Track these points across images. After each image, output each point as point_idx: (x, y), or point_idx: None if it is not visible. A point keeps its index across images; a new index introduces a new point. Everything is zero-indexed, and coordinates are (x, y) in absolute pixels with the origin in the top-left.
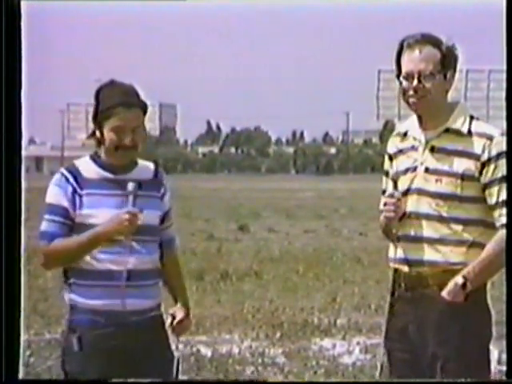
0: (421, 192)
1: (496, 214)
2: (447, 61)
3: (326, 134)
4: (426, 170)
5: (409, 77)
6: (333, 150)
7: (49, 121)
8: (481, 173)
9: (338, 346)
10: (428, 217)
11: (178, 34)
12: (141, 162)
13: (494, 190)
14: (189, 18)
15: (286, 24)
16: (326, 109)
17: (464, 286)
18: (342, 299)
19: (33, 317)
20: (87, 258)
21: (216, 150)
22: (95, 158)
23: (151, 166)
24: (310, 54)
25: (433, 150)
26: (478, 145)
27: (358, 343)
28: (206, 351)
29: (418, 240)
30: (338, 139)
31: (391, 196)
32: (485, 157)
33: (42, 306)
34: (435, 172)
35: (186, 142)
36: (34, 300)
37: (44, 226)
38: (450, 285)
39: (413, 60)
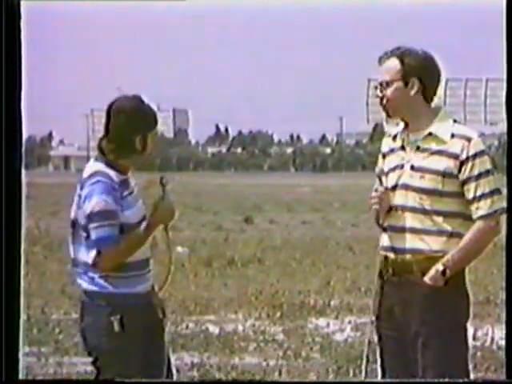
0: (407, 187)
1: (473, 207)
2: (409, 69)
3: (322, 136)
4: (412, 167)
5: (377, 87)
6: (328, 150)
7: (76, 124)
8: (459, 170)
9: (332, 325)
10: (413, 209)
11: (190, 46)
12: None
13: (472, 185)
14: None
15: (286, 34)
16: (322, 113)
17: (444, 272)
18: (335, 283)
19: (62, 298)
20: None
21: (224, 150)
22: (108, 163)
23: None
24: (307, 63)
25: (418, 149)
26: (457, 146)
27: (350, 322)
28: (214, 329)
29: (404, 230)
30: (333, 140)
31: (376, 191)
32: (463, 156)
33: (69, 289)
34: (419, 169)
35: (197, 143)
36: (62, 284)
37: (106, 231)
38: (432, 271)
39: (379, 72)
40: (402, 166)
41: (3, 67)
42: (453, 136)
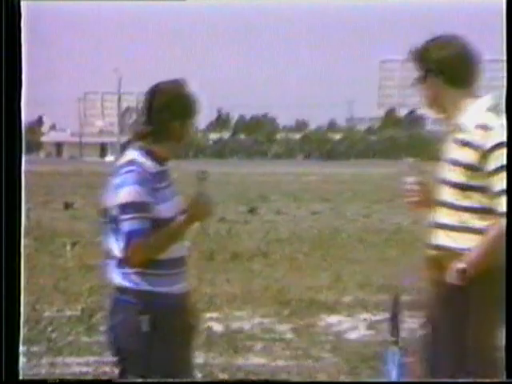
0: (441, 181)
1: (496, 201)
2: (431, 63)
3: (331, 122)
4: (446, 160)
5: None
6: (337, 137)
7: (68, 109)
8: (483, 163)
9: (344, 323)
10: (444, 204)
11: (190, 30)
12: None
13: (494, 179)
14: (199, 13)
15: (295, 18)
16: (331, 97)
17: (464, 271)
18: (346, 278)
19: (55, 294)
20: None
21: (226, 136)
22: (147, 153)
23: None
24: (316, 44)
25: (452, 141)
26: (479, 136)
27: (363, 320)
28: (218, 327)
29: (437, 226)
30: (343, 126)
31: (406, 183)
32: (485, 148)
33: (62, 284)
34: (451, 162)
35: (197, 128)
36: (55, 278)
37: (136, 224)
38: (452, 270)
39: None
40: (444, 159)
41: (3, 67)
42: (477, 126)
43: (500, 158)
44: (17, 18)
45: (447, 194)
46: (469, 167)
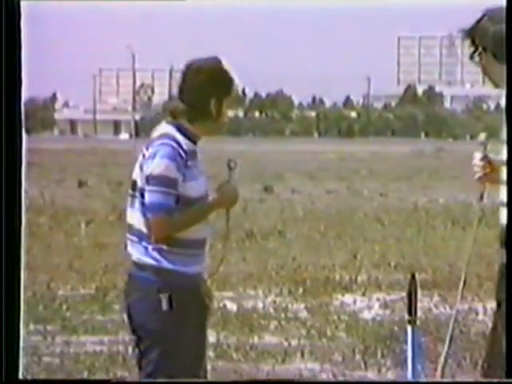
0: (500, 159)
1: None
2: (480, 41)
3: (347, 98)
4: (501, 139)
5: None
6: (354, 114)
7: (82, 85)
8: None
9: (359, 302)
10: (502, 182)
11: (210, 11)
12: None
13: None
14: None
15: None
16: (347, 74)
17: None
18: (362, 257)
19: (69, 273)
20: None
21: (241, 114)
22: (181, 129)
23: None
24: (331, 19)
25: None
26: None
27: (378, 299)
28: (232, 306)
29: (500, 204)
30: (359, 103)
31: (474, 159)
32: None
33: (77, 263)
34: (503, 141)
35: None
36: (70, 257)
37: (160, 198)
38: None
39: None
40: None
41: (3, 67)
42: None
43: None
44: (17, 18)
45: (503, 172)
46: None
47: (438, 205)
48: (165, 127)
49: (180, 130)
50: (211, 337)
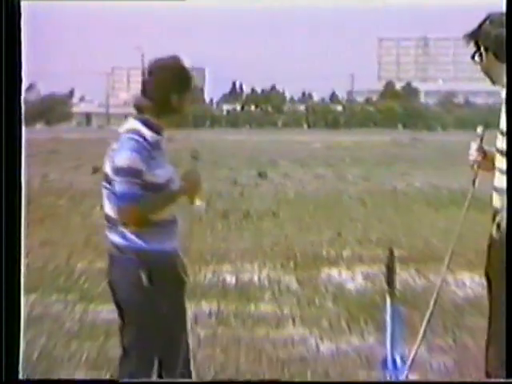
0: (495, 148)
1: None
2: (478, 41)
3: (333, 94)
4: (498, 130)
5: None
6: (339, 108)
7: (97, 82)
8: None
9: (344, 275)
10: (498, 170)
11: (207, 14)
12: None
13: None
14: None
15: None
16: (333, 72)
17: (499, 226)
18: (347, 234)
19: (86, 249)
20: None
21: (238, 107)
22: (146, 123)
23: None
24: (319, 24)
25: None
26: None
27: (361, 272)
28: (231, 279)
29: (493, 189)
30: (344, 98)
31: (470, 149)
32: None
33: (93, 240)
34: (499, 131)
35: (212, 100)
36: (86, 235)
37: (126, 187)
38: (493, 226)
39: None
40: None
41: (3, 67)
42: None
43: None
44: (17, 18)
45: (498, 161)
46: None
47: (414, 188)
48: (131, 122)
49: (145, 123)
50: (213, 306)
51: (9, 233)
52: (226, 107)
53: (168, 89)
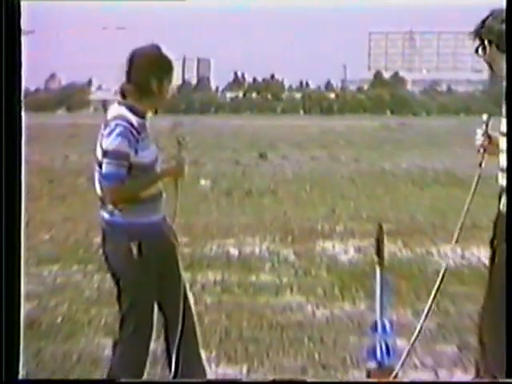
0: (499, 132)
1: None
2: (485, 34)
3: (328, 83)
4: (501, 115)
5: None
6: (333, 95)
7: (112, 73)
8: None
9: (337, 247)
10: (501, 152)
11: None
12: None
13: None
14: None
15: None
16: (328, 62)
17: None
18: (340, 211)
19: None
20: None
21: (241, 95)
22: (131, 108)
23: None
24: (316, 18)
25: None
26: None
27: (353, 245)
28: (234, 251)
29: (499, 169)
30: (337, 86)
31: (476, 134)
32: None
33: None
34: (503, 115)
35: (217, 88)
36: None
37: (111, 169)
38: (501, 201)
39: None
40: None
41: (3, 67)
42: None
43: None
44: (17, 18)
45: (502, 143)
46: None
47: (401, 169)
48: (117, 108)
49: (129, 109)
50: (218, 276)
51: (8, 236)
52: (229, 95)
53: (147, 73)
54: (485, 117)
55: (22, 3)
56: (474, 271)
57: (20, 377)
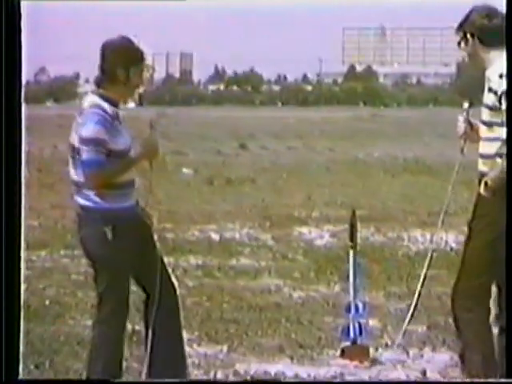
0: (480, 120)
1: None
2: (467, 28)
3: (304, 76)
4: (482, 104)
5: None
6: (309, 88)
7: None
8: (499, 103)
9: (313, 232)
10: (482, 139)
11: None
12: None
13: (505, 117)
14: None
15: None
16: (304, 57)
17: (486, 184)
18: (315, 198)
19: None
20: None
21: (222, 87)
22: (103, 97)
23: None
24: (293, 15)
25: (486, 89)
26: (498, 83)
27: (328, 230)
28: (216, 236)
29: (479, 156)
30: (313, 79)
31: (458, 121)
32: (499, 91)
33: None
34: (484, 105)
35: (199, 81)
36: None
37: (90, 155)
38: (481, 185)
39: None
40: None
41: (3, 67)
42: (499, 76)
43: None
44: (17, 17)
45: (482, 130)
46: (491, 108)
47: (373, 157)
48: (91, 97)
49: (102, 97)
50: (199, 260)
51: (9, 231)
52: (211, 87)
53: (114, 63)
54: (466, 104)
55: (21, 3)
56: (442, 255)
57: (20, 377)
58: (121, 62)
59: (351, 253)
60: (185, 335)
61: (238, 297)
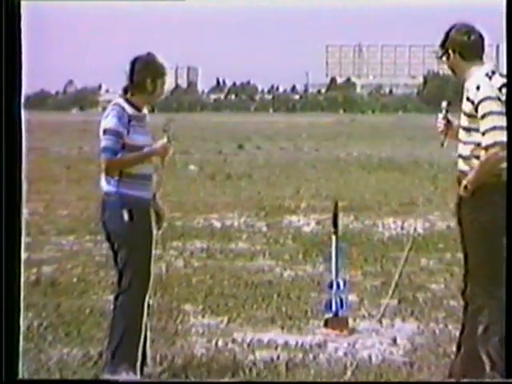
0: (459, 125)
1: (484, 138)
2: (449, 44)
3: (293, 86)
4: (462, 111)
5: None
6: (297, 97)
7: (118, 77)
8: (476, 112)
9: (301, 221)
10: (460, 141)
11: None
12: None
13: (481, 123)
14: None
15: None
16: (294, 70)
17: (466, 187)
18: (303, 191)
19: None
20: (136, 166)
21: (222, 96)
22: (127, 100)
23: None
24: (285, 35)
25: (464, 98)
26: (474, 94)
27: (314, 218)
28: (217, 224)
29: (458, 156)
30: (301, 89)
31: (438, 119)
32: (476, 101)
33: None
34: (462, 112)
35: (203, 91)
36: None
37: (108, 143)
38: (461, 186)
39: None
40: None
41: (3, 67)
42: (476, 87)
43: (485, 107)
44: (17, 17)
45: (461, 134)
46: (469, 115)
47: (352, 157)
48: (117, 99)
49: (127, 101)
50: (204, 244)
51: (9, 232)
52: (212, 96)
53: (144, 75)
54: (444, 103)
55: (21, 3)
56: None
57: (20, 376)
58: (150, 74)
59: (334, 238)
60: (191, 308)
61: (237, 276)
